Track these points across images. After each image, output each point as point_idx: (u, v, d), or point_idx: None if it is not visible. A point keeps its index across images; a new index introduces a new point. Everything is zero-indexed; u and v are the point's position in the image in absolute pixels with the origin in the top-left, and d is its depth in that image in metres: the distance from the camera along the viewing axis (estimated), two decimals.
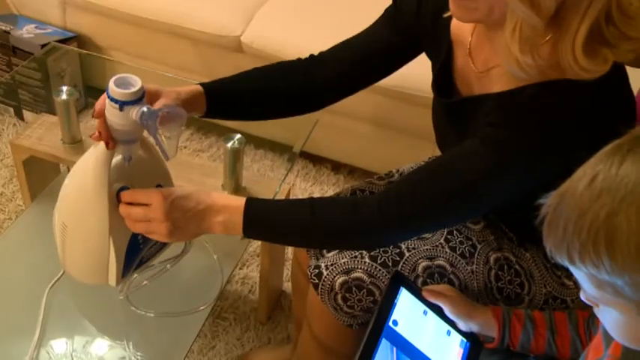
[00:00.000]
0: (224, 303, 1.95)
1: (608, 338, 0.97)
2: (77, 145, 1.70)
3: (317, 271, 1.31)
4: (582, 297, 0.84)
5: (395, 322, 1.19)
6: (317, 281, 1.31)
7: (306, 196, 2.35)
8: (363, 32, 1.39)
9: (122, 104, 1.07)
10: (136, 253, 1.32)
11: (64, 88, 1.62)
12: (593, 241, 0.72)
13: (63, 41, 2.48)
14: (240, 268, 2.05)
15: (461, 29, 1.22)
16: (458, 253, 1.32)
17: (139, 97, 1.08)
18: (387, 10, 1.37)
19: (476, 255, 1.32)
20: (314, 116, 1.76)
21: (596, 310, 0.85)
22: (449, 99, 1.25)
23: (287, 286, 2.02)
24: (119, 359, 1.33)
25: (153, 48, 2.49)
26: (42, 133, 1.74)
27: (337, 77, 1.38)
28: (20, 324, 1.37)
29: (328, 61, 1.39)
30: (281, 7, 2.41)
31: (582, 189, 0.74)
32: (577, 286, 1.27)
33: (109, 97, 1.07)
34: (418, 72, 1.44)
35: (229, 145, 1.53)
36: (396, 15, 1.33)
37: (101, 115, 1.11)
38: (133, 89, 1.07)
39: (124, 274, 1.31)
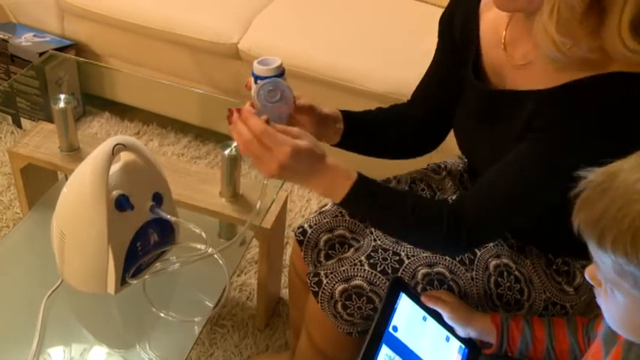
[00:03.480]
0: (222, 310, 1.95)
1: (607, 345, 0.97)
2: (75, 152, 1.69)
3: (316, 279, 1.31)
4: (587, 275, 0.84)
5: (395, 328, 1.19)
6: (317, 289, 1.31)
7: (303, 203, 2.36)
8: (430, 64, 1.40)
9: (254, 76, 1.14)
10: (135, 260, 1.32)
11: (62, 96, 1.62)
12: (634, 234, 0.71)
13: (61, 49, 2.48)
14: (239, 275, 2.05)
15: (493, 26, 1.22)
16: (457, 260, 1.31)
17: (282, 72, 1.15)
18: (438, 34, 1.36)
19: (475, 262, 1.31)
20: None
21: (597, 292, 0.85)
22: (487, 88, 1.23)
23: (285, 292, 2.02)
24: None
25: (150, 55, 2.50)
26: (40, 141, 1.73)
27: (428, 117, 1.39)
28: (18, 333, 1.37)
29: (415, 103, 1.41)
30: (278, 15, 2.42)
31: (637, 178, 0.73)
32: (577, 293, 1.28)
33: (255, 76, 1.14)
34: (412, 78, 1.44)
35: (227, 152, 1.53)
36: (443, 34, 1.34)
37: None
38: (275, 65, 1.14)
39: (122, 282, 1.32)
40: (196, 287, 1.49)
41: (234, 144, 1.54)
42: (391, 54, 2.22)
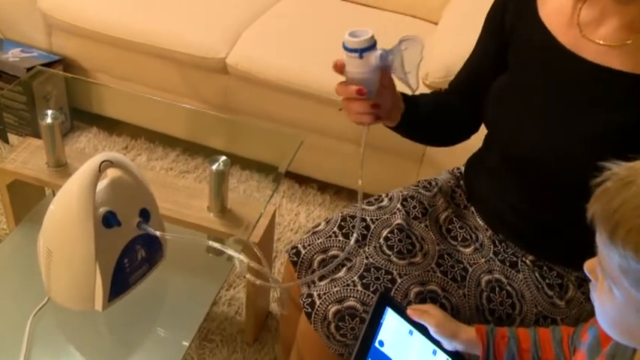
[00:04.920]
0: (211, 325, 1.94)
1: (592, 354, 0.98)
2: (62, 168, 1.69)
3: (309, 300, 1.31)
4: (586, 268, 0.84)
5: (381, 343, 1.20)
6: (310, 310, 1.30)
7: (292, 216, 2.36)
8: (472, 52, 1.42)
9: (361, 52, 1.12)
10: (123, 277, 1.32)
11: (49, 112, 1.62)
12: None
13: (48, 64, 2.49)
14: (227, 290, 2.05)
15: (558, 7, 1.22)
16: (449, 277, 1.32)
17: (374, 43, 1.13)
18: (485, 22, 1.37)
19: (467, 278, 1.32)
20: (299, 137, 1.77)
21: (592, 287, 0.85)
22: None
23: (273, 307, 2.02)
24: None
25: (138, 70, 2.50)
26: (27, 157, 1.73)
27: (469, 106, 1.40)
28: (3, 352, 1.35)
29: (455, 92, 1.43)
30: (265, 30, 2.43)
31: None
32: (568, 306, 1.29)
33: (347, 49, 1.13)
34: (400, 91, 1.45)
35: (214, 167, 1.53)
36: (494, 22, 1.34)
37: (342, 69, 1.16)
38: (367, 36, 1.12)
39: (110, 299, 1.31)
40: (184, 302, 1.49)
41: (222, 158, 1.54)
42: None
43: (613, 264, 0.77)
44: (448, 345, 1.23)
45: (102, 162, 1.23)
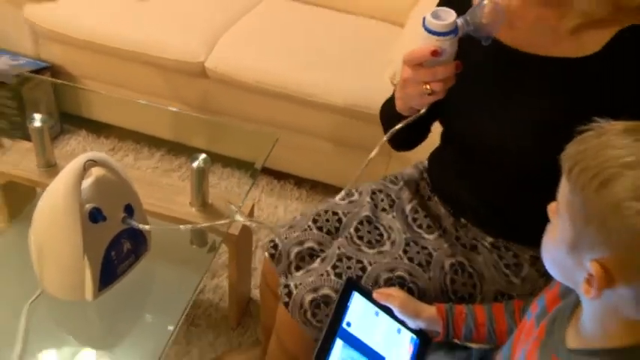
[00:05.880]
0: (197, 311, 1.96)
1: (539, 320, 1.01)
2: (52, 169, 1.68)
3: (287, 290, 1.33)
4: (549, 209, 0.88)
5: (349, 324, 1.22)
6: (287, 300, 1.32)
7: (272, 209, 2.38)
8: None
9: (455, 32, 1.09)
10: (111, 268, 1.34)
11: (37, 116, 1.61)
12: (596, 173, 0.77)
13: (37, 71, 2.47)
14: (212, 279, 2.07)
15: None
16: (416, 262, 1.33)
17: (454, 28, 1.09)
18: None
19: (432, 263, 1.33)
20: (274, 135, 1.79)
21: (548, 227, 0.89)
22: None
23: (255, 293, 2.04)
24: None
25: (123, 75, 2.50)
26: (18, 159, 1.72)
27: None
28: (2, 338, 1.36)
29: None
30: (242, 34, 2.44)
31: (627, 135, 0.79)
32: (523, 283, 1.32)
33: (439, 34, 1.08)
34: (370, 91, 1.46)
35: (195, 164, 1.54)
36: None
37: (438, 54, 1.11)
38: (451, 19, 1.08)
39: (100, 289, 1.32)
40: (169, 291, 1.51)
41: (202, 156, 1.55)
42: (350, 70, 2.26)
43: (563, 198, 0.82)
44: (412, 324, 1.26)
45: (86, 161, 1.24)
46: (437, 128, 1.44)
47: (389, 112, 1.33)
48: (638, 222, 0.73)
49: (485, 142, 1.27)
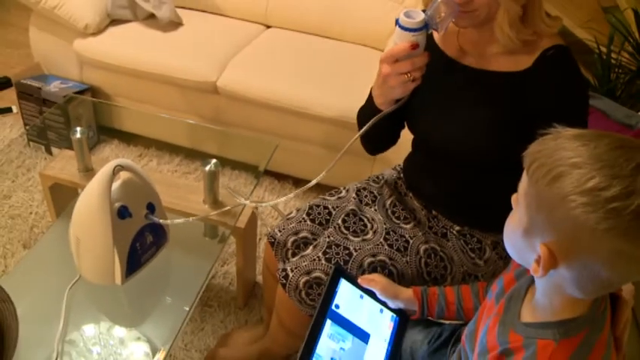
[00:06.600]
0: (210, 294, 1.94)
1: (498, 298, 1.00)
2: (89, 173, 1.67)
3: (284, 273, 1.31)
4: (513, 199, 0.86)
5: (337, 306, 1.20)
6: (284, 282, 1.30)
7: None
8: None
9: (427, 28, 1.10)
10: (136, 257, 1.32)
11: (78, 129, 1.61)
12: (549, 170, 0.75)
13: (80, 92, 2.48)
14: (222, 266, 2.04)
15: (446, 40, 1.28)
16: (395, 248, 1.32)
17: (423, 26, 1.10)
18: None
19: (409, 248, 1.32)
20: (274, 142, 1.77)
21: (510, 215, 0.87)
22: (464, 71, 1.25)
23: (259, 278, 2.01)
24: (135, 339, 1.32)
25: (149, 93, 2.48)
26: (63, 164, 1.72)
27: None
28: (47, 317, 1.35)
29: None
30: (248, 59, 2.41)
31: (576, 138, 0.77)
32: (486, 264, 1.31)
33: (414, 30, 1.09)
34: (356, 105, 1.45)
35: (207, 168, 1.53)
36: None
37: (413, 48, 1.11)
38: (420, 17, 1.09)
39: (127, 275, 1.32)
40: (186, 276, 1.48)
41: (213, 161, 1.53)
42: (339, 87, 2.23)
43: (522, 190, 0.81)
44: (392, 304, 1.24)
45: (115, 166, 1.23)
46: (409, 136, 1.43)
47: (368, 111, 1.31)
48: (579, 213, 0.72)
49: (446, 144, 1.28)
